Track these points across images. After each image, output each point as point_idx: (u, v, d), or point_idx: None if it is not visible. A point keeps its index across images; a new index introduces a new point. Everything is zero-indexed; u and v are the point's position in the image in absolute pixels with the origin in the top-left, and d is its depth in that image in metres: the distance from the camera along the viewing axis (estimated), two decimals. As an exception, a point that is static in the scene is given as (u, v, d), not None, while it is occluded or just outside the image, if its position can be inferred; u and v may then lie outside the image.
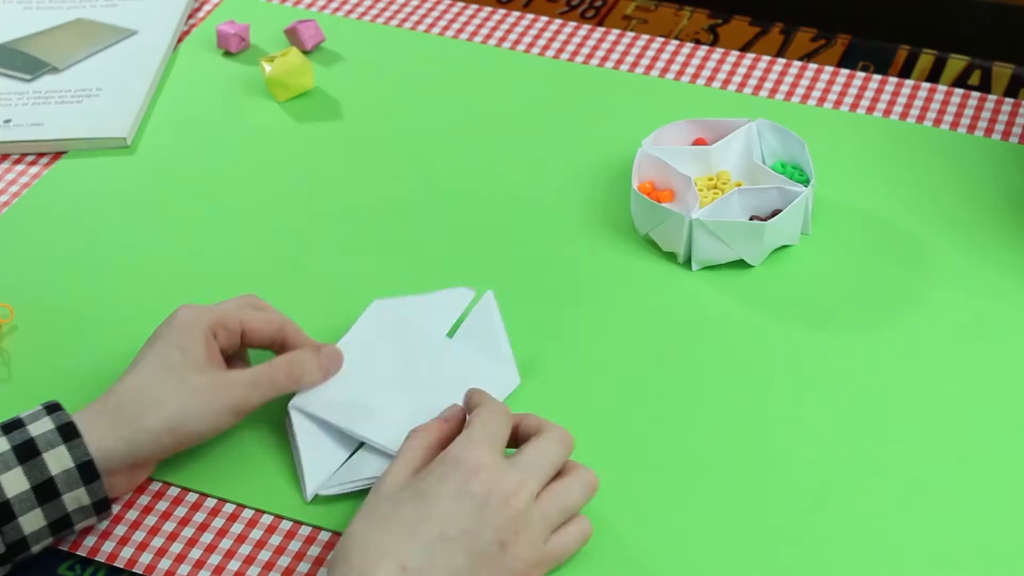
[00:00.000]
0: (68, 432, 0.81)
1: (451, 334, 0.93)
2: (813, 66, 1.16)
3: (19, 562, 0.82)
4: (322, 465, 0.87)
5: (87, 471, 0.80)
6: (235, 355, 0.90)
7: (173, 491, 0.87)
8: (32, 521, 0.80)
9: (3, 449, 0.80)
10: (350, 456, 0.87)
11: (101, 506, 0.82)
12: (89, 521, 0.83)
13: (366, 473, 0.85)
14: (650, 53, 1.18)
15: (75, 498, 0.81)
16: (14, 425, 0.81)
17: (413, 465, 0.81)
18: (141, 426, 0.82)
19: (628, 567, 0.82)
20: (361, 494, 0.86)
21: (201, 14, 1.24)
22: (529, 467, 0.80)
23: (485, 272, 0.99)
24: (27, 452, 0.80)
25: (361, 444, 0.87)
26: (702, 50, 1.18)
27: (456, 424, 0.84)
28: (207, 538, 0.85)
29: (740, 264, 0.99)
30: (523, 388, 0.91)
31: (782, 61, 1.16)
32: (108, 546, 0.84)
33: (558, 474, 0.82)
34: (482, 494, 0.78)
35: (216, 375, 0.85)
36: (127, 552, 0.84)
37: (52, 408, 0.82)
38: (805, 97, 1.13)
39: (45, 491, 0.80)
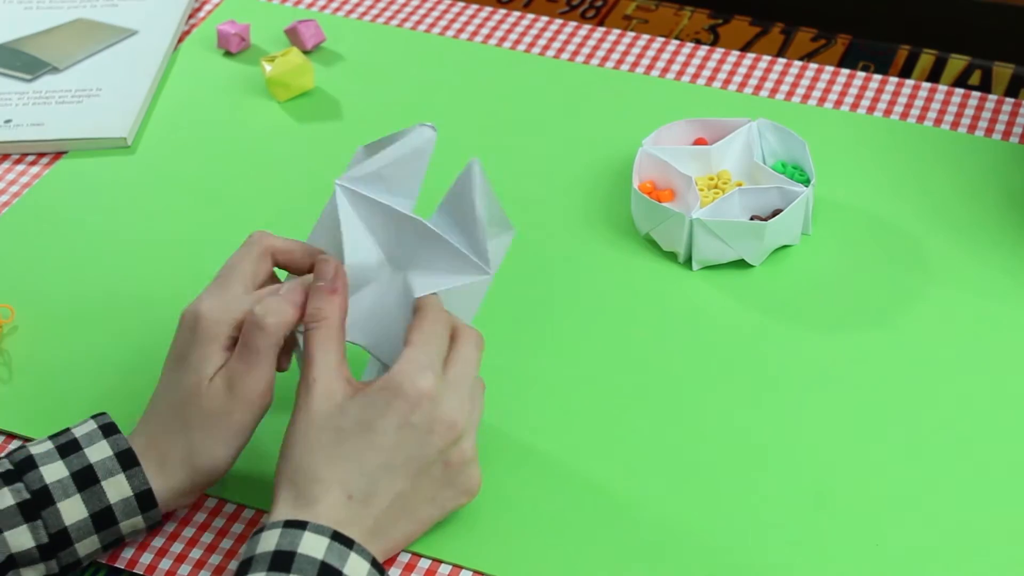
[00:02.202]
0: (126, 460, 0.81)
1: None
2: (813, 66, 1.16)
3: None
4: None
5: (145, 499, 0.81)
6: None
7: (173, 491, 0.87)
8: (87, 546, 0.81)
9: (62, 476, 0.79)
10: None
11: (154, 525, 0.83)
12: (141, 537, 0.84)
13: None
14: (650, 53, 1.18)
15: (131, 524, 0.81)
16: (70, 447, 0.81)
17: (335, 361, 0.80)
18: (198, 476, 0.82)
19: (628, 567, 0.82)
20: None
21: (201, 14, 1.24)
22: (462, 382, 0.81)
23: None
24: (86, 479, 0.80)
25: None
26: (702, 50, 1.18)
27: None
28: (208, 538, 0.85)
29: (740, 264, 0.99)
30: (523, 388, 0.91)
31: (782, 61, 1.16)
32: (109, 546, 0.84)
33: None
34: (425, 424, 0.79)
35: (245, 409, 0.82)
36: (128, 552, 0.84)
37: (107, 429, 0.82)
38: (805, 97, 1.13)
39: (103, 518, 0.80)
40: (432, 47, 1.20)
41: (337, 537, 0.75)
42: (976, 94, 1.12)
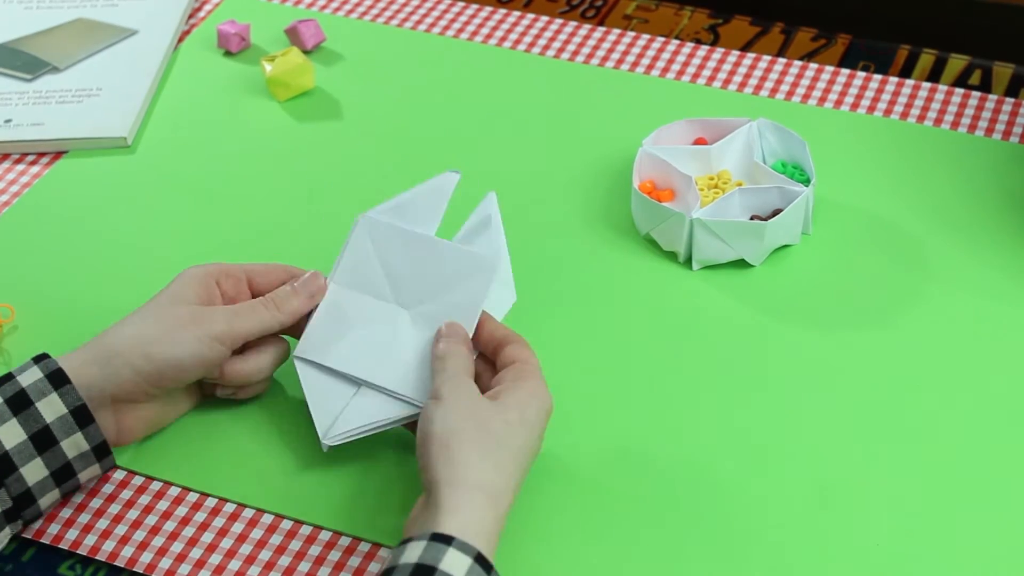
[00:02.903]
0: (57, 379, 0.82)
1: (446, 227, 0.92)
2: (814, 66, 1.16)
3: (30, 520, 0.83)
4: (329, 412, 0.87)
5: (81, 415, 0.81)
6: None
7: (174, 491, 0.87)
8: (34, 471, 0.81)
9: (19, 440, 0.80)
10: (348, 402, 0.87)
11: (101, 451, 0.83)
12: (92, 470, 0.84)
13: (376, 416, 0.86)
14: (651, 53, 1.18)
15: (73, 443, 0.82)
16: (4, 379, 0.82)
17: (465, 394, 0.82)
18: (117, 354, 0.83)
19: (628, 566, 0.82)
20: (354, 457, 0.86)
21: (202, 14, 1.24)
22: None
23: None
24: (20, 403, 0.81)
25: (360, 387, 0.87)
26: (703, 50, 1.18)
27: (464, 338, 0.86)
28: (208, 537, 0.85)
29: (740, 264, 0.99)
30: (523, 388, 0.91)
31: (783, 61, 1.16)
32: (108, 545, 0.84)
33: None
34: (540, 426, 0.83)
35: (199, 308, 0.86)
36: (127, 551, 0.84)
37: (40, 358, 0.83)
38: (806, 97, 1.13)
39: (42, 439, 0.81)
40: (432, 47, 1.20)
41: (480, 560, 0.74)
42: (976, 94, 1.12)
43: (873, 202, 1.03)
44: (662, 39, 1.19)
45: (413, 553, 0.73)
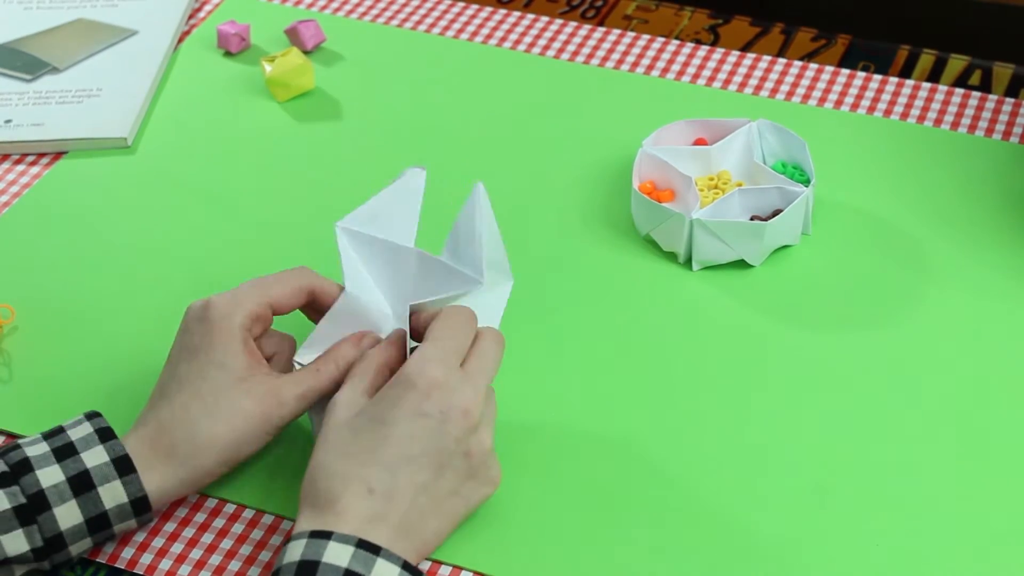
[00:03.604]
0: (123, 467, 0.81)
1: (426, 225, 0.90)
2: (814, 66, 1.16)
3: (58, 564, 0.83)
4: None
5: (140, 505, 0.81)
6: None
7: (174, 491, 0.87)
8: (80, 546, 0.81)
9: (58, 480, 0.79)
10: None
11: (144, 522, 0.83)
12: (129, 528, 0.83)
13: None
14: (651, 53, 1.18)
15: (125, 527, 0.82)
16: (66, 450, 0.81)
17: (363, 386, 0.81)
18: (198, 465, 0.82)
19: (628, 566, 0.82)
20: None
21: (202, 14, 1.24)
22: (479, 374, 0.81)
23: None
24: (82, 485, 0.80)
25: None
26: (703, 50, 1.18)
27: (400, 347, 0.85)
28: (208, 538, 0.85)
29: (740, 264, 0.99)
30: (522, 387, 0.91)
31: (783, 61, 1.16)
32: (109, 546, 0.84)
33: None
34: (439, 413, 0.79)
35: (265, 394, 0.83)
36: (128, 552, 0.84)
37: (103, 434, 0.82)
38: (806, 97, 1.13)
39: (97, 522, 0.80)
40: (432, 47, 1.20)
41: (363, 545, 0.75)
42: (976, 94, 1.12)
43: (873, 202, 1.03)
44: (662, 39, 1.19)
45: (295, 552, 0.75)
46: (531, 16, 1.22)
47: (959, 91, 1.13)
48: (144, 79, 1.16)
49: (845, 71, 1.15)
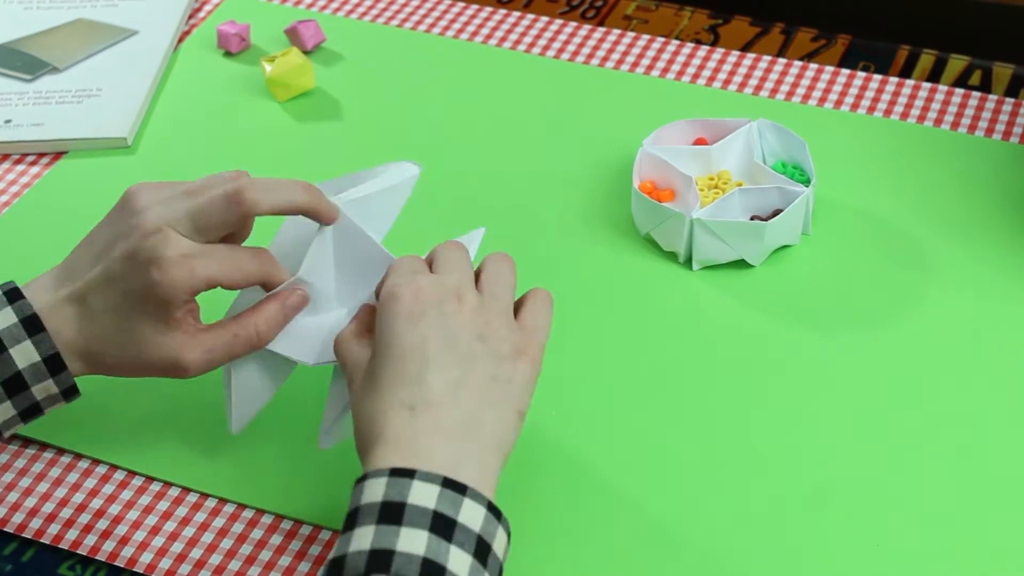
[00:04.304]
0: (32, 325, 0.81)
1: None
2: (814, 66, 1.16)
3: None
4: (250, 402, 0.86)
5: (54, 363, 0.81)
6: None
7: (174, 491, 0.87)
8: (2, 412, 0.82)
9: None
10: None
11: (70, 393, 0.83)
12: (57, 405, 0.84)
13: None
14: (651, 53, 1.18)
15: (43, 388, 0.82)
16: None
17: (357, 348, 0.81)
18: (102, 354, 0.82)
19: (627, 566, 0.82)
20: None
21: (202, 14, 1.24)
22: (462, 272, 0.81)
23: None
24: None
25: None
26: (703, 50, 1.18)
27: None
28: (208, 538, 0.85)
29: (740, 264, 0.99)
30: (523, 388, 0.91)
31: (783, 61, 1.16)
32: (108, 545, 0.84)
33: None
34: (433, 307, 0.78)
35: (170, 352, 0.82)
36: (128, 551, 0.84)
37: (12, 295, 0.82)
38: (806, 97, 1.13)
39: (13, 385, 0.81)
40: (432, 47, 1.20)
41: (448, 484, 0.72)
42: (976, 94, 1.12)
43: (873, 202, 1.03)
44: (662, 39, 1.19)
45: (375, 491, 0.72)
46: (531, 16, 1.22)
47: (959, 91, 1.13)
48: (144, 79, 1.16)
49: (845, 71, 1.15)
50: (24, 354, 0.81)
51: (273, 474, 0.88)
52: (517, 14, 1.22)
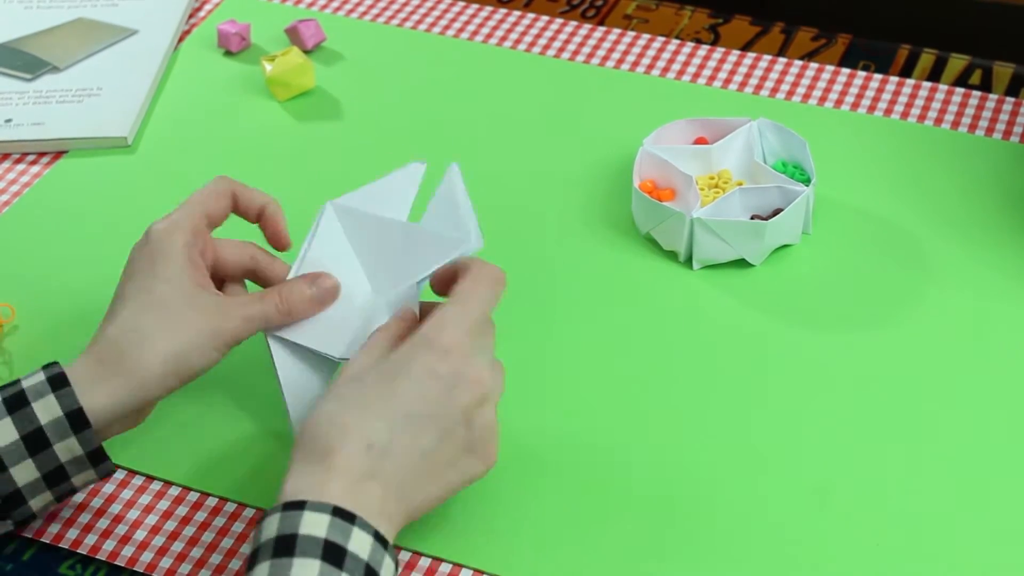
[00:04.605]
0: (57, 382, 0.80)
1: (415, 215, 0.90)
2: (814, 65, 1.16)
3: (22, 522, 0.82)
4: (303, 394, 0.86)
5: (76, 419, 0.80)
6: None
7: (174, 490, 0.87)
8: (24, 472, 0.80)
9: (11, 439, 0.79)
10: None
11: (96, 457, 0.81)
12: (86, 475, 0.82)
13: None
14: (651, 53, 1.18)
15: (67, 448, 0.80)
16: (10, 384, 0.81)
17: (378, 352, 0.81)
18: (146, 376, 0.81)
19: (628, 566, 0.82)
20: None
21: (202, 13, 1.25)
22: (490, 348, 0.81)
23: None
24: (17, 403, 0.79)
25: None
26: (703, 49, 1.18)
27: (412, 321, 0.84)
28: (208, 537, 0.85)
29: (741, 263, 0.99)
30: (522, 387, 0.91)
31: (783, 60, 1.16)
32: (109, 545, 0.84)
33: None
34: (451, 376, 0.78)
35: (210, 306, 0.83)
36: (128, 551, 0.84)
37: (48, 365, 0.82)
38: (806, 97, 1.13)
39: (35, 441, 0.79)
40: (432, 47, 1.20)
41: (338, 512, 0.73)
42: (976, 94, 1.12)
43: (873, 202, 1.03)
44: (662, 39, 1.19)
45: (271, 528, 0.73)
46: (531, 16, 1.22)
47: (959, 91, 1.13)
48: (144, 79, 1.16)
49: (845, 71, 1.15)
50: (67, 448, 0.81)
51: (273, 474, 0.88)
52: (517, 14, 1.22)
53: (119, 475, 0.88)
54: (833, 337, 0.94)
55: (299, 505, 0.73)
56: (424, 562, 0.83)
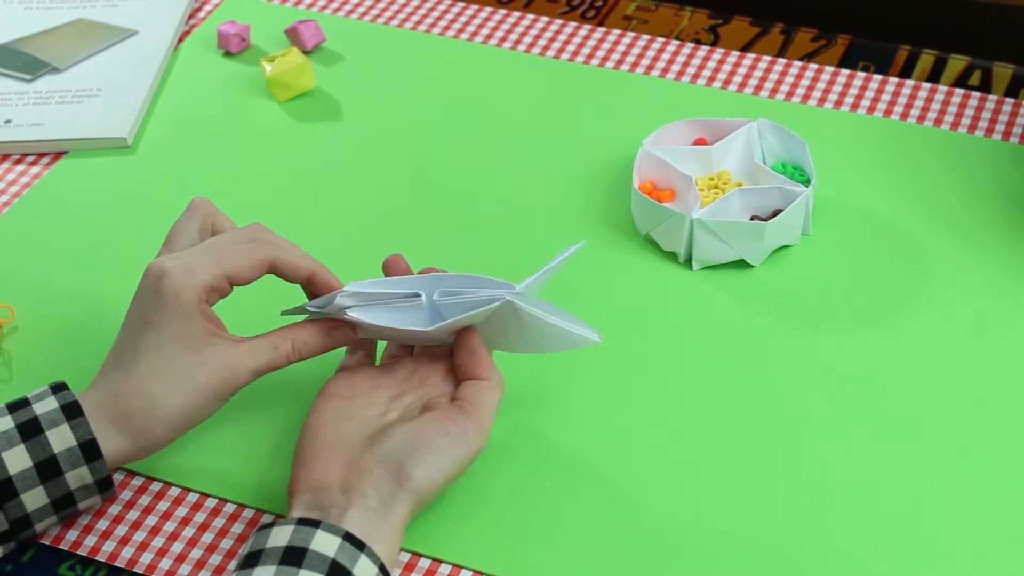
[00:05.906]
0: (72, 411, 0.81)
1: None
2: (814, 66, 1.16)
3: (24, 540, 0.83)
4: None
5: (89, 449, 0.81)
6: None
7: (174, 491, 0.87)
8: (34, 499, 0.81)
9: (7, 427, 0.80)
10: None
11: (104, 485, 0.82)
12: (92, 500, 0.83)
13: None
14: (651, 53, 1.18)
15: (78, 476, 0.81)
16: (20, 404, 0.82)
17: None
18: (153, 436, 0.83)
19: (628, 566, 0.82)
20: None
21: (202, 14, 1.25)
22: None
23: (486, 271, 0.98)
24: (31, 430, 0.80)
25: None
26: (703, 50, 1.18)
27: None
28: (208, 538, 0.85)
29: (741, 264, 0.99)
30: (522, 388, 0.91)
31: (783, 61, 1.16)
32: (109, 546, 0.84)
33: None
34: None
35: (220, 365, 0.83)
36: (128, 552, 0.84)
37: (57, 388, 0.83)
38: (806, 97, 1.13)
39: (47, 469, 0.80)
40: (432, 47, 1.20)
41: (349, 538, 0.76)
42: (976, 94, 1.12)
43: (873, 202, 1.03)
44: (662, 39, 1.19)
45: (281, 537, 0.76)
46: (531, 16, 1.22)
47: (959, 91, 1.13)
48: (144, 79, 1.16)
49: (845, 71, 1.15)
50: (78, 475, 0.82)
51: (273, 474, 0.88)
52: (517, 14, 1.22)
53: (119, 476, 0.88)
54: (833, 337, 0.94)
55: (314, 523, 0.76)
56: (424, 563, 0.83)
